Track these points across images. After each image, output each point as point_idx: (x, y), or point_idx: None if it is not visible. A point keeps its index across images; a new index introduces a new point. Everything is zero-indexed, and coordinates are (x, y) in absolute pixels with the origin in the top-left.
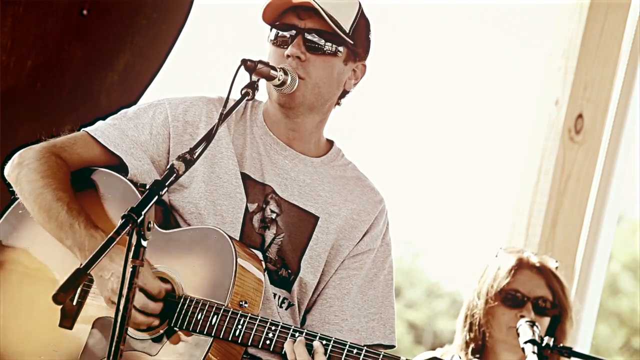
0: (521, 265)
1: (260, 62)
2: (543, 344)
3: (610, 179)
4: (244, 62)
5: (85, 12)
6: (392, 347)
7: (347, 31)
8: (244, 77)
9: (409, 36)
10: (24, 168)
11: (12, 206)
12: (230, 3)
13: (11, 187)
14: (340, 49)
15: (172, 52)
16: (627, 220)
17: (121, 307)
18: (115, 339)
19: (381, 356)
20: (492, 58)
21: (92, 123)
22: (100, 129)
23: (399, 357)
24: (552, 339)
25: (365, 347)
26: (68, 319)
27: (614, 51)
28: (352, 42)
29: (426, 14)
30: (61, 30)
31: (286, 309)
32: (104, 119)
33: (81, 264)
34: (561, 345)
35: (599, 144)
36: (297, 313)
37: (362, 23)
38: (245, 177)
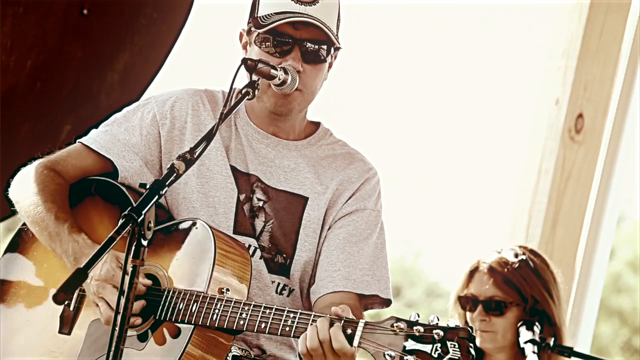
0: (476, 269)
1: (261, 61)
2: (543, 344)
3: (610, 179)
4: (245, 61)
5: (85, 12)
6: (389, 301)
7: (336, 33)
8: (244, 77)
9: (408, 36)
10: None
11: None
12: (230, 3)
13: (13, 207)
14: (331, 51)
15: (172, 52)
16: (629, 219)
17: (121, 307)
18: (115, 339)
19: (312, 316)
20: (492, 58)
21: (86, 133)
22: (92, 137)
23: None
24: (553, 339)
25: (300, 311)
26: (66, 325)
27: (614, 51)
28: (339, 44)
29: (426, 13)
30: (61, 30)
31: (287, 296)
32: (96, 126)
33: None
34: (561, 344)
35: (599, 144)
36: (300, 298)
37: (340, 16)
38: (233, 170)
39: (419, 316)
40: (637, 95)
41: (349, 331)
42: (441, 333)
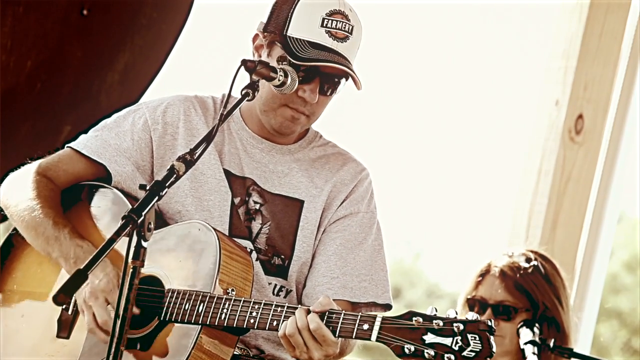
0: (487, 271)
1: (260, 62)
2: (543, 345)
3: (610, 179)
4: (244, 62)
5: (85, 12)
6: (388, 306)
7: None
8: (244, 77)
9: (408, 36)
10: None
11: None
12: (230, 3)
13: (2, 211)
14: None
15: (172, 52)
16: (628, 219)
17: (121, 308)
18: (115, 339)
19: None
20: (492, 58)
21: (75, 139)
22: (82, 142)
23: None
24: (553, 340)
25: (286, 305)
26: (65, 329)
27: (614, 51)
28: (354, 73)
29: (426, 13)
30: (61, 30)
31: (284, 297)
32: (85, 132)
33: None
34: (560, 345)
35: (599, 145)
36: (296, 299)
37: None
38: (227, 173)
39: (436, 310)
40: (637, 95)
41: (366, 326)
42: (461, 326)
